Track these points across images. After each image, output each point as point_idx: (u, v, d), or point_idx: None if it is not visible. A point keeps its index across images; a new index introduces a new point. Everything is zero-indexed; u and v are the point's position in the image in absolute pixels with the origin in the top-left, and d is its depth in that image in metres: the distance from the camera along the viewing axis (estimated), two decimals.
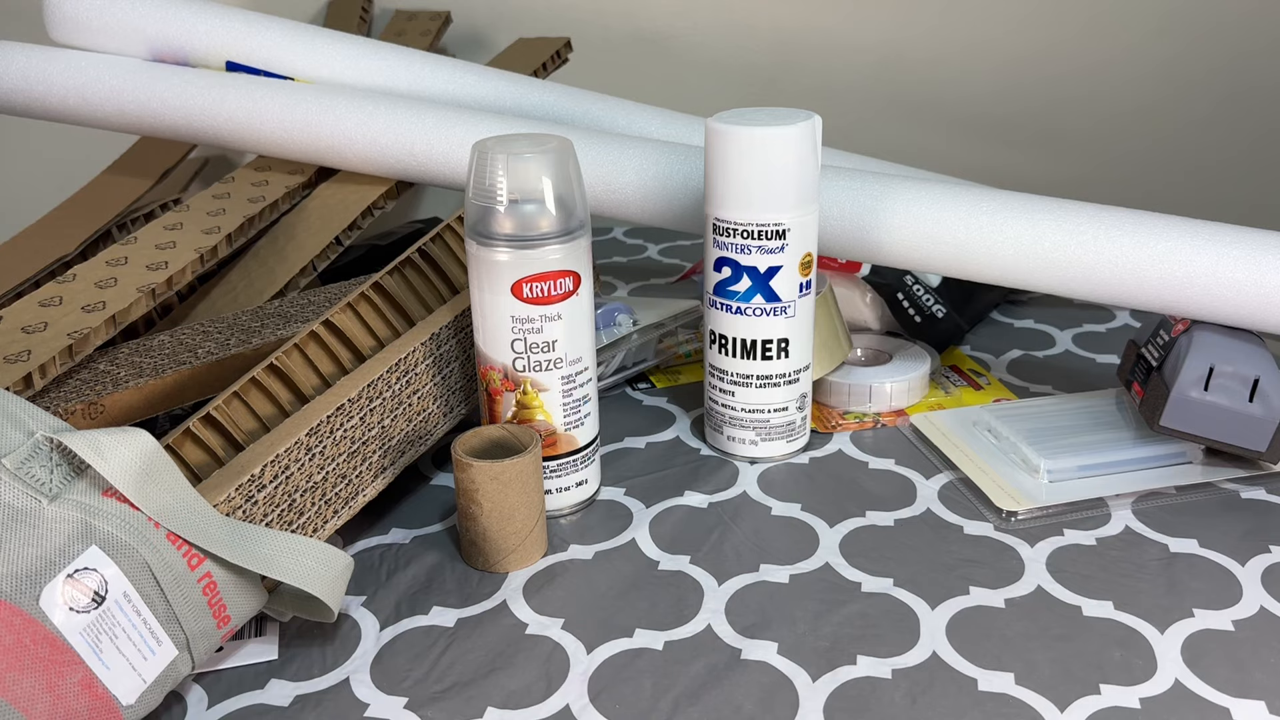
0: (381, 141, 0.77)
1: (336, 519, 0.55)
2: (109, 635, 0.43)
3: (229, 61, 0.83)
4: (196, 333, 0.65)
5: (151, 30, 0.83)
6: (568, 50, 1.01)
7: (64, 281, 0.65)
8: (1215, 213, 0.74)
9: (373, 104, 0.79)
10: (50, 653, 0.41)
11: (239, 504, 0.50)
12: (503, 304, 0.56)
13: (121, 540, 0.43)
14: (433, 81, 0.84)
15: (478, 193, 0.55)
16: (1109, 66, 0.95)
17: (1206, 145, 1.12)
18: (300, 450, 0.53)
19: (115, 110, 0.82)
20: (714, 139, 0.60)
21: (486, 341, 0.58)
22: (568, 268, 0.56)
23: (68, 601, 0.42)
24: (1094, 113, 1.06)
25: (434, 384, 0.61)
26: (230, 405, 0.54)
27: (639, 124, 0.84)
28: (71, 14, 0.83)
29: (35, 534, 0.42)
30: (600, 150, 0.74)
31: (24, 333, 0.59)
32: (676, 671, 0.48)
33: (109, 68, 0.82)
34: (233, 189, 0.80)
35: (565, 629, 0.51)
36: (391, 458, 0.58)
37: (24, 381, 0.56)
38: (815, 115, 0.60)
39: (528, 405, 0.58)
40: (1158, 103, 1.10)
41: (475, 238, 0.56)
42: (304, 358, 0.57)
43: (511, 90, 0.84)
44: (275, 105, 0.79)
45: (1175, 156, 1.11)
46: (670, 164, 0.73)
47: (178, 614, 0.45)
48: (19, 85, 0.82)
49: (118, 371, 0.60)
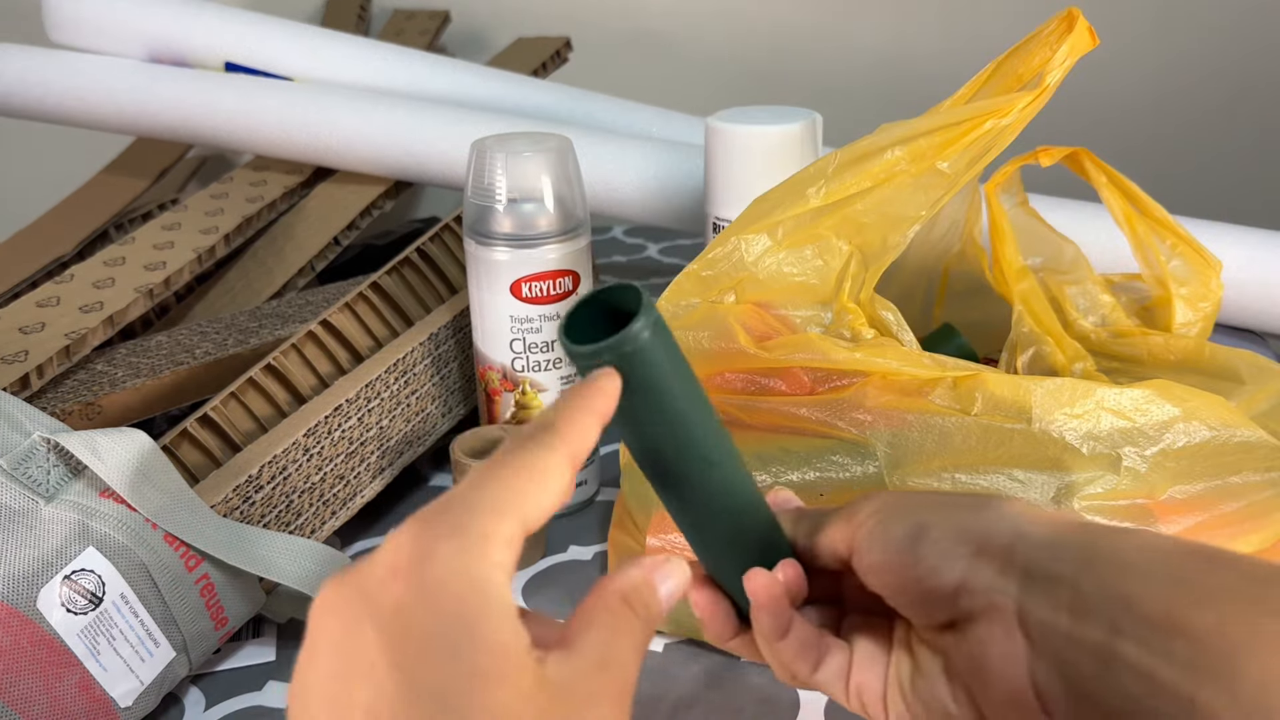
0: (380, 141, 0.77)
1: (335, 520, 0.55)
2: (106, 637, 0.42)
3: (228, 62, 0.83)
4: (194, 333, 0.65)
5: (150, 31, 0.82)
6: (567, 50, 1.01)
7: (61, 282, 0.65)
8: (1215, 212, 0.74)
9: (371, 104, 0.78)
10: (47, 654, 0.41)
11: (236, 505, 0.49)
12: (501, 304, 0.56)
13: (119, 541, 0.43)
14: (432, 81, 0.83)
15: (476, 192, 0.55)
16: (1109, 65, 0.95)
17: (1206, 145, 1.11)
18: (298, 451, 0.52)
19: (114, 111, 0.82)
20: (714, 138, 0.59)
21: (485, 341, 0.58)
22: (567, 267, 0.56)
23: (65, 603, 0.42)
24: (1093, 112, 1.06)
25: (432, 384, 0.61)
26: (228, 406, 0.53)
27: (639, 124, 0.84)
28: (71, 15, 0.83)
29: (32, 535, 0.42)
30: (600, 150, 0.74)
31: (21, 333, 0.59)
32: (676, 675, 0.48)
33: (107, 69, 0.82)
34: (231, 189, 0.80)
35: None
36: (390, 458, 0.58)
37: (21, 382, 0.56)
38: (816, 114, 0.60)
39: (527, 405, 0.58)
40: (1158, 102, 1.10)
41: (474, 237, 0.56)
42: (301, 358, 0.57)
43: (511, 90, 0.84)
44: (273, 105, 0.79)
45: (1175, 156, 1.11)
46: (670, 164, 0.73)
47: (175, 615, 0.45)
48: (16, 88, 0.82)
49: (115, 372, 0.60)
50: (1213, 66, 1.08)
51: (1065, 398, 0.43)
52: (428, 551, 0.24)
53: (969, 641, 0.30)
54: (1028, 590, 0.28)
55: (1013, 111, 0.45)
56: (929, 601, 0.30)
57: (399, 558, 0.24)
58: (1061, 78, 0.45)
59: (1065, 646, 0.27)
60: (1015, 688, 0.29)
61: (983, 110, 0.45)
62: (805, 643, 0.34)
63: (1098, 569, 0.27)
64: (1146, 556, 0.27)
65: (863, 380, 0.46)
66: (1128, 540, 0.28)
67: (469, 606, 0.24)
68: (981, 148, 0.46)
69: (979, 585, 0.29)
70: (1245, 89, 1.09)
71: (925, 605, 0.31)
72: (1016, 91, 0.46)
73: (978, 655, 0.29)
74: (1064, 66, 0.45)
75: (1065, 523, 0.30)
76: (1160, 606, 0.26)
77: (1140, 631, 0.26)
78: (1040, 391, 0.43)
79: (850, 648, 0.34)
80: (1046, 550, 0.29)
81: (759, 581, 0.33)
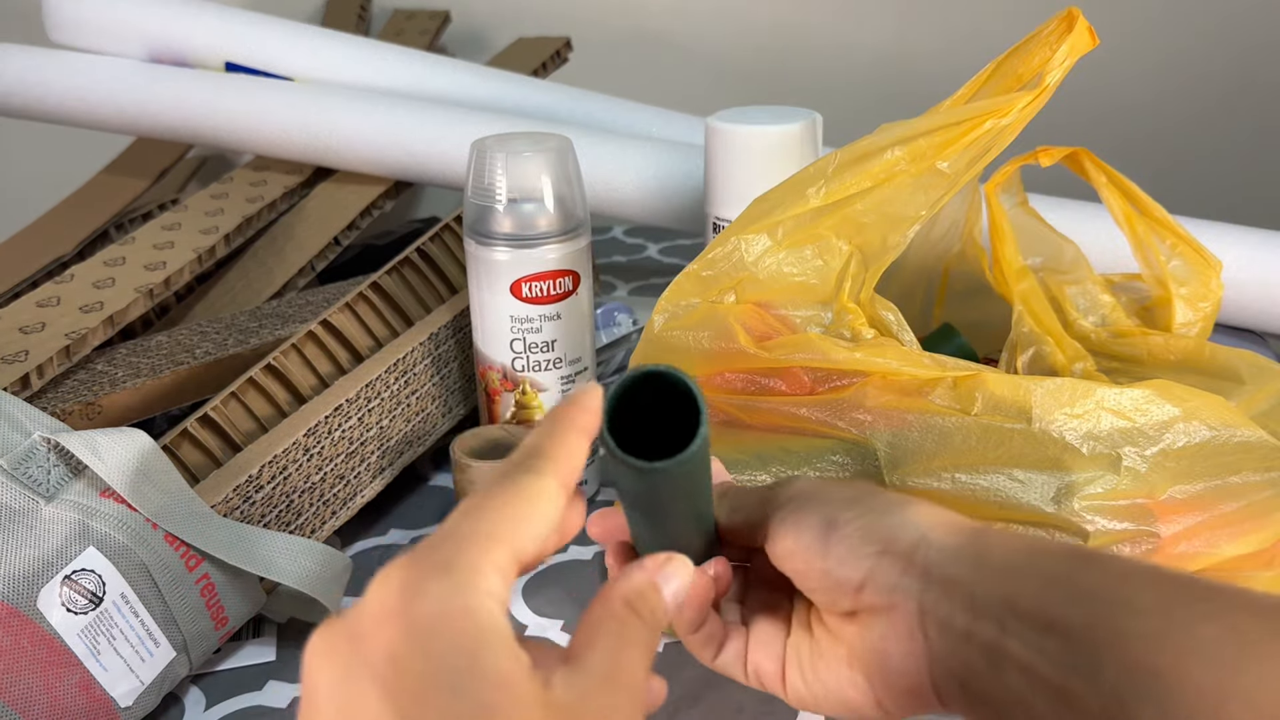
0: (380, 141, 0.77)
1: (335, 520, 0.55)
2: (107, 636, 0.42)
3: (228, 62, 0.83)
4: (194, 333, 0.65)
5: (150, 31, 0.82)
6: (568, 50, 1.01)
7: (61, 282, 0.65)
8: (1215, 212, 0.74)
9: (371, 104, 0.78)
10: (48, 654, 0.41)
11: (237, 505, 0.49)
12: (502, 303, 0.56)
13: (119, 541, 0.43)
14: (432, 81, 0.83)
15: (476, 192, 0.55)
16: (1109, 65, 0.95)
17: (1206, 145, 1.11)
18: (298, 451, 0.52)
19: (114, 111, 0.82)
20: (714, 138, 0.59)
21: (485, 341, 0.58)
22: (567, 267, 0.56)
23: (65, 603, 0.42)
24: (1093, 112, 1.06)
25: (432, 384, 0.61)
26: (228, 406, 0.53)
27: (639, 124, 0.84)
28: (71, 15, 0.83)
29: (33, 535, 0.42)
30: (600, 150, 0.74)
31: (21, 333, 0.59)
32: (677, 672, 0.48)
33: (107, 69, 0.82)
34: (231, 189, 0.80)
35: (565, 630, 0.51)
36: (390, 458, 0.58)
37: (21, 382, 0.56)
38: (816, 113, 0.60)
39: (527, 405, 0.58)
40: (1158, 102, 1.10)
41: (474, 237, 0.56)
42: (302, 358, 0.57)
43: (511, 90, 0.84)
44: (274, 105, 0.79)
45: (1175, 156, 1.11)
46: (670, 164, 0.73)
47: (175, 615, 0.45)
48: (16, 88, 0.82)
49: (115, 372, 0.60)
50: (1213, 66, 1.08)
51: (1065, 398, 0.43)
52: (417, 590, 0.24)
53: (871, 635, 0.31)
54: (928, 590, 0.30)
55: (1012, 111, 0.45)
56: (835, 591, 0.32)
57: (388, 599, 0.24)
58: (1061, 78, 0.45)
59: (960, 645, 0.29)
60: (914, 681, 0.30)
61: (983, 110, 0.45)
62: (710, 634, 0.36)
63: (988, 571, 0.29)
64: (1030, 559, 0.29)
65: (863, 380, 0.46)
66: (1017, 543, 0.30)
67: (465, 641, 0.23)
68: (981, 148, 0.46)
69: (883, 583, 0.31)
70: (1244, 89, 1.09)
71: (831, 594, 0.32)
72: (1016, 91, 0.46)
73: (879, 649, 0.31)
74: (1064, 66, 0.45)
75: (966, 528, 0.31)
76: (1037, 605, 0.28)
77: (1022, 629, 0.28)
78: (1040, 391, 0.43)
79: (748, 631, 0.36)
80: (946, 554, 0.30)
81: (694, 583, 0.34)
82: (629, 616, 0.27)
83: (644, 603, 0.28)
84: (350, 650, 0.24)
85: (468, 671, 0.23)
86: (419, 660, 0.23)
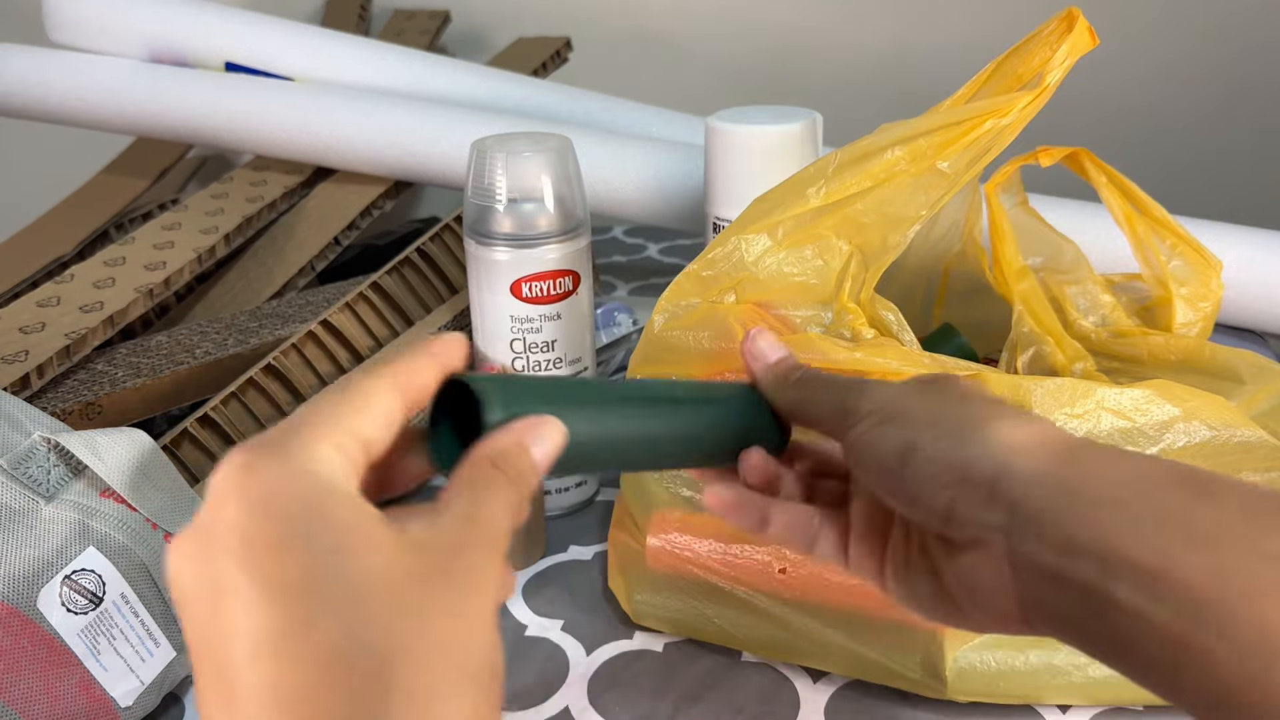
0: (380, 141, 0.77)
1: None
2: (107, 636, 0.42)
3: (228, 62, 0.83)
4: (194, 333, 0.65)
5: (151, 31, 0.82)
6: (568, 50, 1.01)
7: (62, 282, 0.65)
8: (1215, 212, 0.74)
9: (371, 104, 0.78)
10: (48, 654, 0.41)
11: None
12: (502, 303, 0.56)
13: (119, 541, 0.43)
14: (432, 81, 0.84)
15: (476, 192, 0.55)
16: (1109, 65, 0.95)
17: (1206, 145, 1.11)
18: None
19: (114, 111, 0.82)
20: (714, 138, 0.59)
21: (485, 341, 0.58)
22: (567, 267, 0.56)
23: (65, 602, 0.42)
24: (1093, 112, 1.06)
25: None
26: (228, 406, 0.53)
27: (639, 124, 0.84)
28: (71, 15, 0.83)
29: (32, 535, 0.42)
30: (600, 150, 0.74)
31: (21, 333, 0.59)
32: (677, 673, 0.48)
33: (107, 69, 0.82)
34: (231, 189, 0.80)
35: (565, 630, 0.51)
36: None
37: (21, 382, 0.56)
38: (816, 113, 0.60)
39: None
40: (1158, 101, 1.10)
41: (474, 237, 0.56)
42: (302, 358, 0.57)
43: (511, 90, 0.84)
44: (274, 105, 0.79)
45: (1175, 156, 1.11)
46: (670, 164, 0.73)
47: (175, 615, 0.45)
48: (17, 88, 0.82)
49: (115, 372, 0.60)
50: (1213, 66, 1.08)
51: (1065, 398, 0.43)
52: (251, 468, 0.24)
53: (958, 563, 0.30)
54: (1014, 525, 0.28)
55: (1013, 111, 0.45)
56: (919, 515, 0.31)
57: (225, 483, 0.24)
58: (1061, 78, 0.45)
59: (1054, 584, 0.27)
60: (1003, 609, 0.29)
61: (983, 110, 0.45)
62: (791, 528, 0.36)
63: (1085, 506, 0.27)
64: (1134, 492, 0.27)
65: None
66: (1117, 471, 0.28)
67: (305, 499, 0.24)
68: (981, 148, 0.46)
69: (967, 516, 0.29)
70: (1245, 89, 1.09)
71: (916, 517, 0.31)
72: (1016, 91, 0.46)
73: (966, 577, 0.30)
74: (1064, 66, 0.45)
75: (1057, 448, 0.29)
76: (1150, 550, 0.25)
77: (1131, 574, 0.25)
78: (1040, 391, 0.43)
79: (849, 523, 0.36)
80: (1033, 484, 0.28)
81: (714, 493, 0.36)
82: (493, 472, 0.28)
83: (508, 461, 0.28)
84: (201, 540, 0.24)
85: (317, 520, 0.24)
86: (264, 523, 0.23)
